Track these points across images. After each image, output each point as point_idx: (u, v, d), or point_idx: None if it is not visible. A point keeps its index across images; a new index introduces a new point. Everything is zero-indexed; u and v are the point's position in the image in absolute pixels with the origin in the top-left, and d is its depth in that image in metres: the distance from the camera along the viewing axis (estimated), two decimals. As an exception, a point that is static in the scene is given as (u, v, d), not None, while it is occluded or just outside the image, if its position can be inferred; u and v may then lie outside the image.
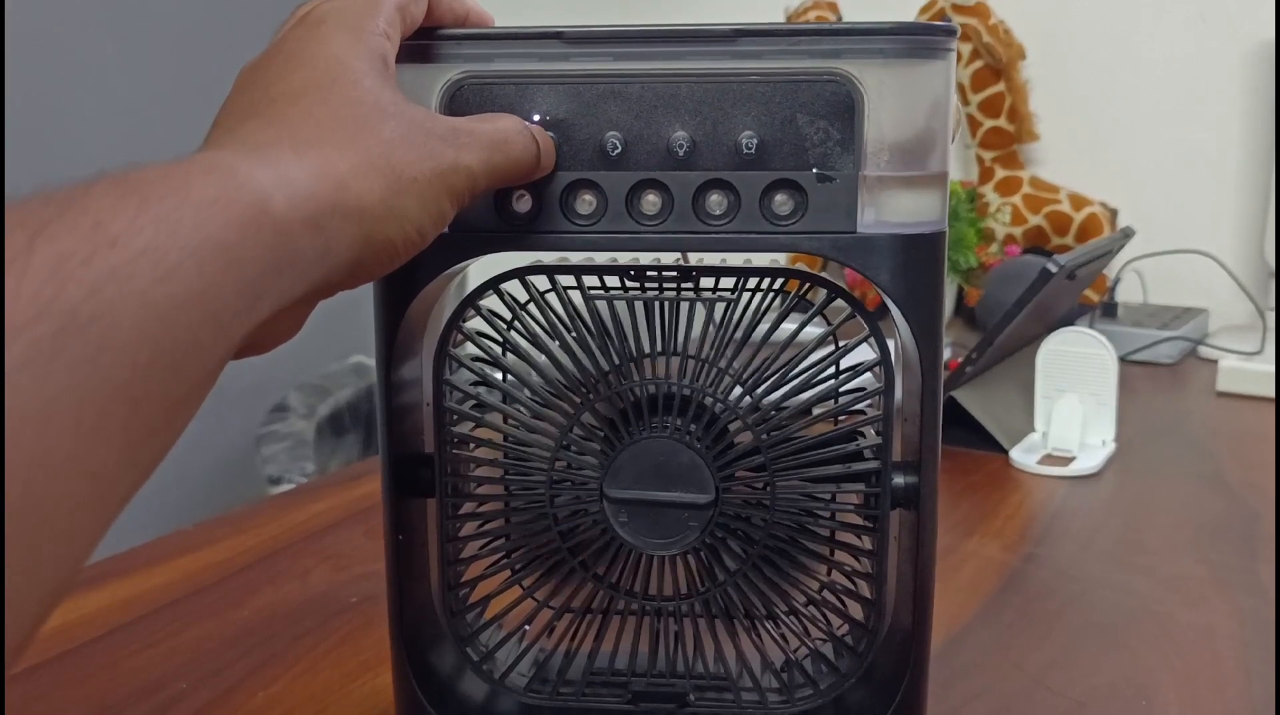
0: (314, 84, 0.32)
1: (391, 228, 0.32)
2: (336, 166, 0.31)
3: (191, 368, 0.26)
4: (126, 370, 0.23)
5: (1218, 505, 0.78)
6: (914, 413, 0.41)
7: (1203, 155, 1.43)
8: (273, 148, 0.30)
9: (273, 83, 0.33)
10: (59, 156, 1.39)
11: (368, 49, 0.34)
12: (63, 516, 0.23)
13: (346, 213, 0.30)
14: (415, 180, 0.33)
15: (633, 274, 0.42)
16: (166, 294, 0.24)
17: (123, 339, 0.23)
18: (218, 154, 0.29)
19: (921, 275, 0.39)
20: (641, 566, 0.42)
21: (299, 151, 0.30)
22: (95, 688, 0.52)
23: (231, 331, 0.27)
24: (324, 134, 0.31)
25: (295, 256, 0.29)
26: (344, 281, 0.32)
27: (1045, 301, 0.90)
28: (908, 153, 0.38)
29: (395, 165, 0.32)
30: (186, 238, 0.25)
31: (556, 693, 0.45)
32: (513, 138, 0.36)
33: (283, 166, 0.29)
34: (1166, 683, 0.53)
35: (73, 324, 0.22)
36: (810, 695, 0.44)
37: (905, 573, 0.42)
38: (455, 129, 0.35)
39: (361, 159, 0.31)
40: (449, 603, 0.45)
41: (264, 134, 0.31)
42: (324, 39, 0.34)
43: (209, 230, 0.26)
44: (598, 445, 0.41)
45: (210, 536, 0.71)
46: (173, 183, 0.26)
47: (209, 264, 0.26)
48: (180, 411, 0.26)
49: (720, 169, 0.38)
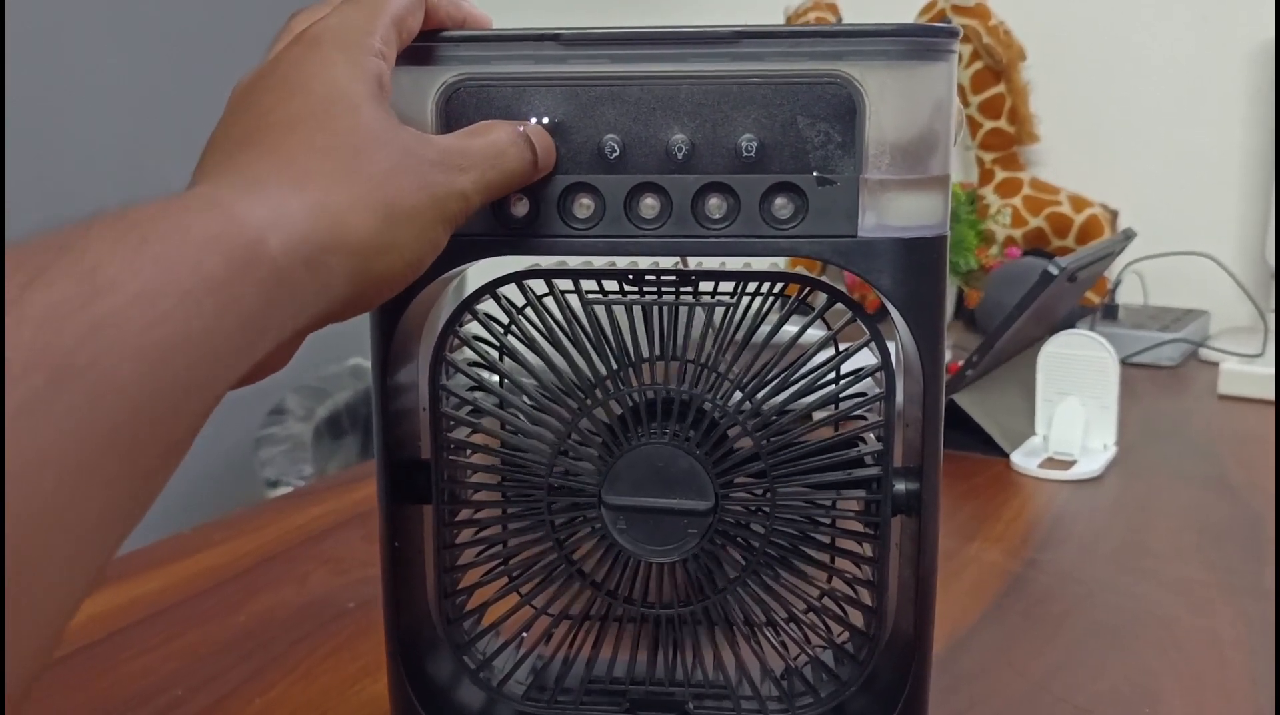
0: (311, 112, 0.32)
1: (387, 261, 0.32)
2: (334, 202, 0.30)
3: (188, 408, 0.25)
4: (122, 415, 0.23)
5: (1221, 508, 0.77)
6: (915, 418, 0.41)
7: (1204, 157, 1.42)
8: (269, 182, 0.30)
9: (270, 108, 0.32)
10: (59, 156, 1.38)
11: (364, 72, 0.34)
12: (56, 566, 0.22)
13: (342, 249, 0.30)
14: (410, 211, 0.32)
15: (631, 278, 0.42)
16: (163, 337, 0.24)
17: (117, 384, 0.23)
18: (215, 190, 0.29)
19: (923, 279, 0.38)
20: (640, 573, 0.42)
21: (297, 186, 0.30)
22: (91, 693, 0.52)
23: (228, 371, 0.27)
24: (321, 166, 0.31)
25: (291, 295, 0.29)
26: (339, 314, 0.32)
27: (1046, 304, 0.90)
28: (909, 155, 0.37)
29: (390, 197, 0.32)
30: (185, 279, 0.25)
31: (554, 701, 0.44)
32: (507, 149, 0.36)
33: (280, 203, 0.29)
34: (1171, 688, 0.53)
35: (66, 371, 0.22)
36: (811, 704, 0.44)
37: (906, 579, 0.42)
38: (449, 152, 0.34)
39: (358, 193, 0.31)
40: (446, 610, 0.44)
41: (260, 166, 0.30)
42: (321, 62, 0.33)
43: (206, 270, 0.26)
44: (596, 451, 0.41)
45: (208, 540, 0.71)
46: (172, 221, 0.26)
47: (205, 305, 0.25)
48: (175, 452, 0.26)
49: (719, 172, 0.38)
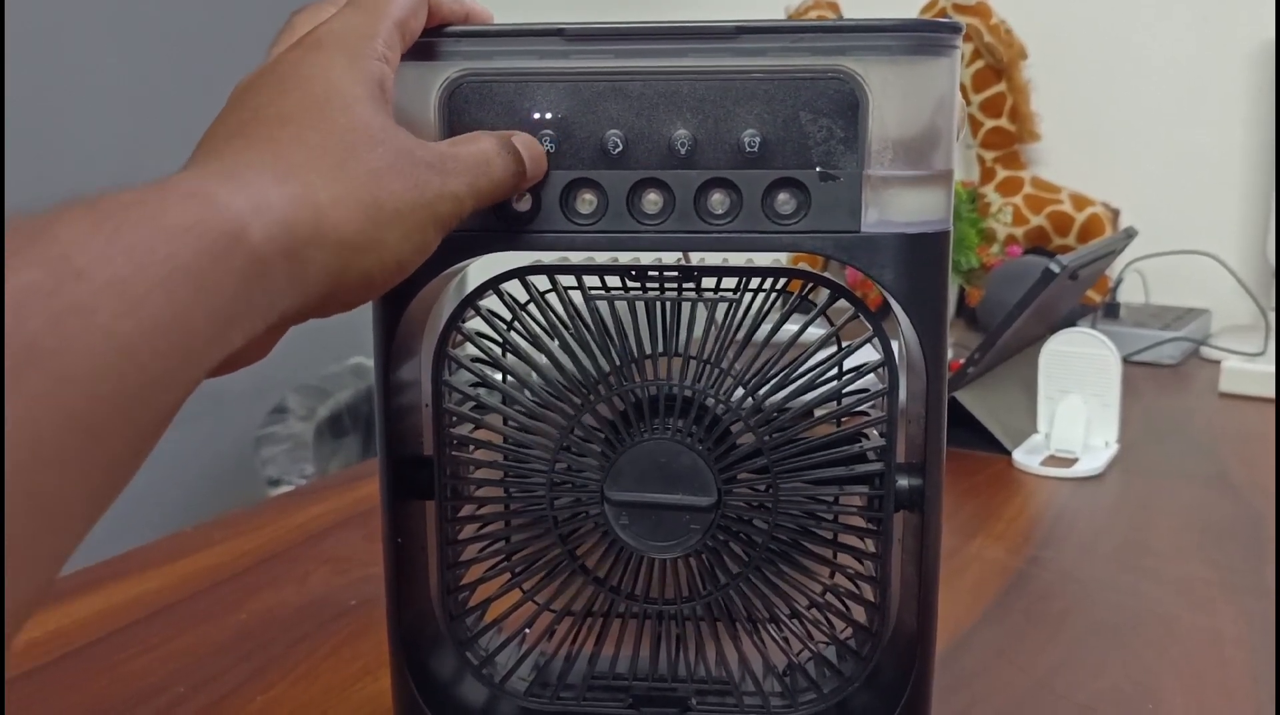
0: (305, 108, 0.32)
1: (369, 260, 0.32)
2: (317, 195, 0.30)
3: (158, 398, 0.25)
4: (88, 401, 0.23)
5: (1222, 507, 0.77)
6: (918, 414, 0.41)
7: (1205, 155, 1.42)
8: (254, 171, 0.29)
9: (265, 104, 0.32)
10: (59, 156, 1.38)
11: (365, 74, 0.34)
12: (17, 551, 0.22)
13: (323, 243, 0.30)
14: (398, 211, 0.32)
15: (634, 274, 0.42)
16: (133, 326, 0.24)
17: (84, 371, 0.23)
18: (198, 179, 0.28)
19: (926, 275, 0.38)
20: (643, 569, 0.42)
21: (280, 177, 0.30)
22: (92, 692, 0.52)
23: (200, 361, 0.27)
24: (309, 161, 0.31)
25: (268, 286, 0.28)
26: (317, 310, 0.32)
27: (1047, 302, 0.90)
28: (912, 151, 0.37)
29: (379, 196, 0.32)
30: (157, 268, 0.25)
31: (557, 697, 0.44)
32: (493, 159, 0.36)
33: (262, 192, 0.29)
34: (1173, 686, 0.52)
35: (31, 357, 0.22)
36: (814, 699, 0.43)
37: (909, 575, 0.42)
38: (442, 155, 0.34)
39: (344, 188, 0.31)
40: (448, 606, 0.44)
41: (247, 156, 0.30)
42: (321, 63, 0.33)
43: (181, 259, 0.25)
44: (598, 447, 0.41)
45: (208, 539, 0.71)
46: (149, 209, 0.26)
47: (178, 294, 0.25)
48: (145, 441, 0.25)
49: (722, 167, 0.38)
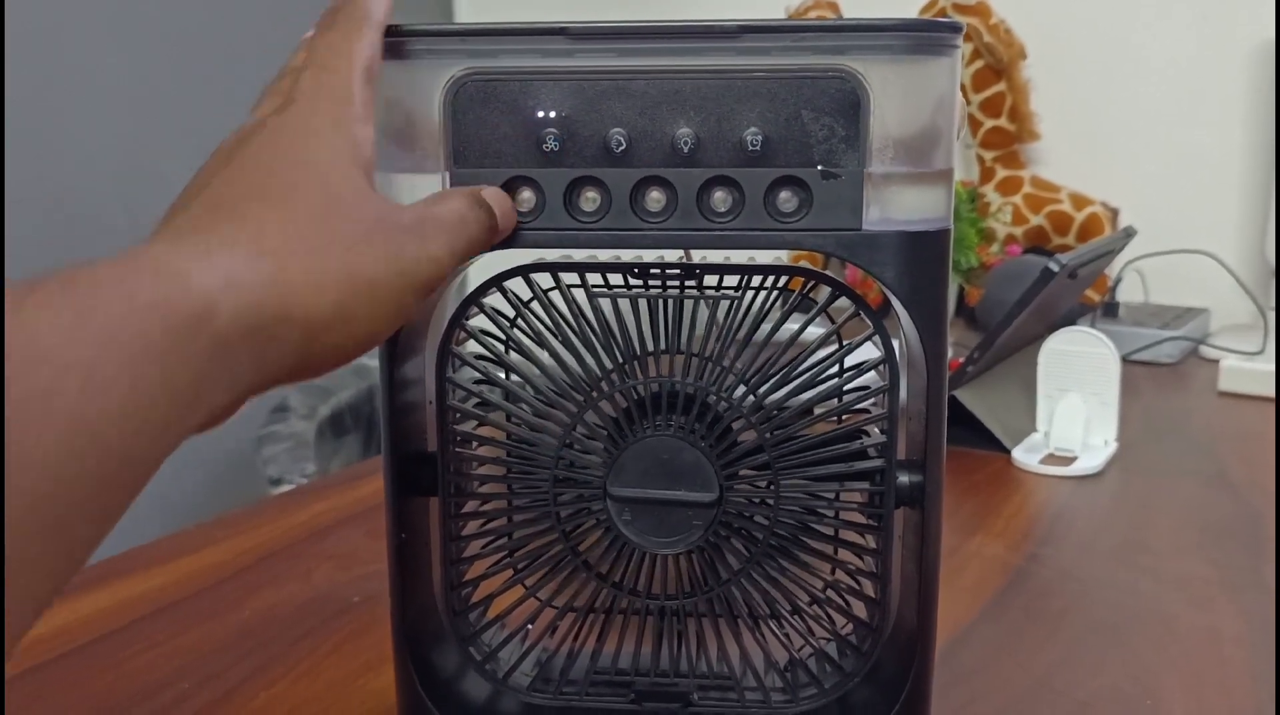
0: (280, 181, 0.32)
1: (339, 335, 0.32)
2: (290, 274, 0.30)
3: (122, 477, 0.25)
4: (49, 484, 0.23)
5: (1221, 505, 0.78)
6: (918, 411, 0.41)
7: (1204, 155, 1.43)
8: (227, 249, 0.29)
9: (239, 174, 0.32)
10: (59, 156, 1.38)
11: (344, 142, 0.34)
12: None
13: (291, 322, 0.30)
14: (373, 282, 0.32)
15: (636, 271, 0.42)
16: (97, 409, 0.24)
17: (43, 455, 0.23)
18: (170, 253, 0.28)
19: (927, 272, 0.39)
20: (645, 565, 0.42)
21: (253, 255, 0.30)
22: (96, 689, 0.52)
23: (164, 439, 0.27)
24: (285, 239, 0.31)
25: (232, 365, 0.28)
26: (285, 381, 0.32)
27: (1047, 301, 0.90)
28: (913, 149, 0.37)
29: (354, 269, 0.32)
30: (123, 349, 0.25)
31: (560, 692, 0.45)
32: (467, 216, 0.36)
33: (234, 271, 0.29)
34: (1172, 684, 0.53)
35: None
36: (814, 694, 0.44)
37: (910, 572, 0.42)
38: (420, 218, 0.34)
39: (317, 263, 0.31)
40: (452, 602, 0.45)
41: (221, 231, 0.30)
42: (300, 133, 0.33)
43: (149, 339, 0.25)
44: (601, 443, 0.41)
45: (211, 537, 0.71)
46: (123, 288, 0.26)
47: (144, 376, 0.25)
48: (108, 520, 0.25)
49: (724, 166, 0.38)
